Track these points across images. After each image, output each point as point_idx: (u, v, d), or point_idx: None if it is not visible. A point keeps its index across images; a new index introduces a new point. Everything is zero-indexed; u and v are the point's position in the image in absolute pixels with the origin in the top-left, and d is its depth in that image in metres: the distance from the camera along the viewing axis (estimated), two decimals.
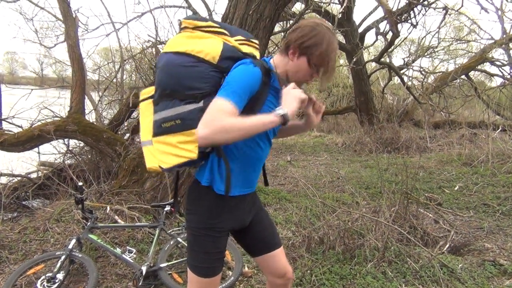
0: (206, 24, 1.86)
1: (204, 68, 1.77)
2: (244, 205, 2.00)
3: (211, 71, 1.78)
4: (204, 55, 1.78)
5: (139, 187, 4.72)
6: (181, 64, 1.78)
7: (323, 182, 6.87)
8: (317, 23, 1.82)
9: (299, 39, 1.79)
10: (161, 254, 3.33)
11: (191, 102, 1.75)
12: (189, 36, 1.86)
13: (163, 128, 1.79)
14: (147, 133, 1.89)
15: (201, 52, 1.78)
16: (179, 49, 1.81)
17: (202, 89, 1.76)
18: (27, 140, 5.52)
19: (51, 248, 3.89)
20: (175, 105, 1.77)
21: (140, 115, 1.97)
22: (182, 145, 1.74)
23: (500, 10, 12.09)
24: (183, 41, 1.84)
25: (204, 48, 1.79)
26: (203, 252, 1.88)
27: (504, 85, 13.76)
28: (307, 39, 1.78)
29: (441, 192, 6.16)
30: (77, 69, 6.06)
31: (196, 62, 1.77)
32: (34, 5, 8.55)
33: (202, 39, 1.83)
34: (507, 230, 4.64)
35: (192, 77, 1.76)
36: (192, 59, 1.78)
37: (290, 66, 1.85)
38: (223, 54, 1.79)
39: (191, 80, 1.76)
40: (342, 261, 3.66)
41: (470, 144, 9.33)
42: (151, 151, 1.85)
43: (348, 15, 11.53)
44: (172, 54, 1.82)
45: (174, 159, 1.77)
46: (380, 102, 13.82)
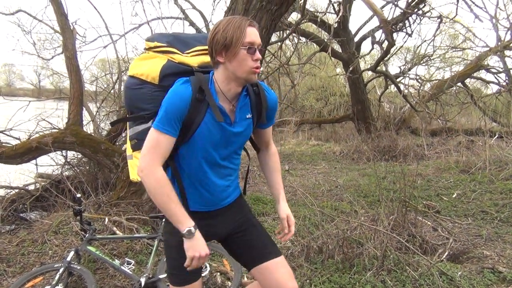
0: (153, 45, 1.93)
1: (147, 89, 1.85)
2: (215, 220, 1.99)
3: (155, 91, 1.84)
4: (146, 76, 1.86)
5: (138, 198, 4.72)
6: (130, 87, 1.91)
7: (322, 191, 6.87)
8: (215, 24, 1.80)
9: (214, 44, 1.73)
10: (160, 265, 3.32)
11: (142, 123, 1.89)
12: (143, 57, 1.95)
13: (132, 145, 1.97)
14: (129, 147, 2.02)
15: (143, 74, 1.87)
16: (130, 72, 1.94)
17: (148, 109, 1.86)
18: (25, 152, 5.52)
19: (49, 260, 3.88)
20: (131, 125, 1.95)
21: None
22: None
23: (495, 18, 12.21)
24: (135, 63, 1.95)
25: (145, 70, 1.87)
26: (172, 258, 1.93)
27: (500, 92, 13.85)
28: (218, 37, 1.71)
29: (439, 200, 6.16)
30: (75, 81, 6.07)
31: (141, 84, 1.87)
32: (32, 18, 8.61)
33: (150, 60, 1.91)
34: (505, 237, 4.65)
35: (138, 99, 1.88)
36: (137, 81, 1.88)
37: (232, 67, 1.74)
38: (162, 73, 1.84)
39: (138, 101, 1.88)
40: (341, 270, 3.65)
41: (468, 151, 9.35)
42: (131, 165, 2.01)
43: (344, 25, 11.62)
44: (128, 77, 1.96)
45: None
46: (377, 110, 13.86)
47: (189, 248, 1.74)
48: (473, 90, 15.03)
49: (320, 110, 18.02)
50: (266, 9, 4.15)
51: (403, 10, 7.34)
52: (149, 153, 1.71)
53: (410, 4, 8.43)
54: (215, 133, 1.81)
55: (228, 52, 1.71)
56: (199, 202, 1.92)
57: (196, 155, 1.83)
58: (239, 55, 1.71)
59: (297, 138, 14.78)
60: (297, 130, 15.39)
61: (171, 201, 1.71)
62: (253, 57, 1.73)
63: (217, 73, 1.81)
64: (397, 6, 7.52)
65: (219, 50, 1.72)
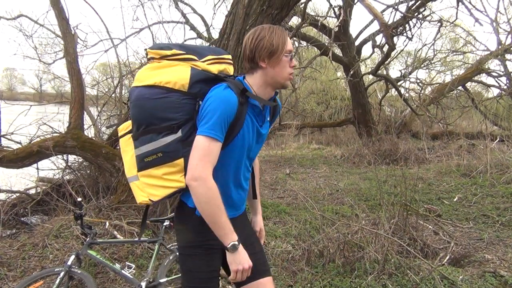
0: (170, 53, 1.86)
1: (175, 97, 1.77)
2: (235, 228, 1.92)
3: (183, 99, 1.78)
4: (173, 84, 1.78)
5: None
6: (151, 97, 1.78)
7: (322, 195, 6.87)
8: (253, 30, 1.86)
9: (259, 49, 1.79)
10: (160, 269, 3.32)
11: (169, 134, 1.77)
12: (156, 66, 1.86)
13: (146, 162, 1.81)
14: (132, 168, 1.90)
15: (169, 82, 1.78)
16: (148, 82, 1.81)
17: (176, 119, 1.77)
18: (26, 156, 5.53)
19: (50, 264, 3.88)
20: (153, 139, 1.78)
21: (122, 151, 1.98)
22: (168, 176, 1.78)
23: (495, 22, 12.23)
24: (150, 73, 1.84)
25: (172, 78, 1.78)
26: (194, 272, 1.86)
27: (501, 95, 13.86)
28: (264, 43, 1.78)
29: (440, 203, 6.16)
30: (76, 85, 6.09)
31: (166, 93, 1.77)
32: (34, 22, 8.65)
33: (169, 68, 1.83)
34: (507, 241, 4.64)
35: (164, 109, 1.76)
36: (162, 90, 1.78)
37: (273, 72, 1.83)
38: (192, 80, 1.79)
39: (164, 111, 1.76)
40: (343, 274, 3.65)
41: (469, 155, 9.36)
42: (138, 186, 1.86)
43: (344, 29, 11.64)
44: (142, 88, 1.82)
45: (162, 191, 1.81)
46: (378, 114, 13.87)
47: (232, 262, 1.72)
48: (474, 94, 15.05)
49: (321, 114, 18.04)
50: (267, 13, 4.17)
51: (403, 14, 7.36)
52: (201, 161, 1.66)
53: (410, 8, 8.44)
54: (251, 135, 1.86)
55: (273, 58, 1.79)
56: (227, 210, 1.82)
57: (233, 159, 1.84)
58: (282, 61, 1.81)
59: (298, 142, 14.79)
60: (298, 134, 15.39)
61: (222, 213, 1.68)
62: (291, 64, 1.85)
63: (252, 78, 1.86)
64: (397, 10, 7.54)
65: (263, 55, 1.79)
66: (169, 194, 1.81)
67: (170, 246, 3.54)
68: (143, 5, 9.06)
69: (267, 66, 1.81)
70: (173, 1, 10.96)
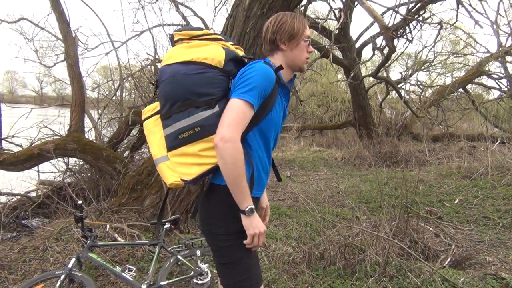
0: (202, 33, 1.94)
1: (212, 73, 1.81)
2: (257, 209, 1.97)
3: (220, 75, 1.83)
4: (211, 60, 1.82)
5: (139, 204, 4.72)
6: (189, 73, 1.80)
7: (323, 197, 6.86)
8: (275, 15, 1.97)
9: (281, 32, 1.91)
10: (161, 272, 3.31)
11: (207, 108, 1.78)
12: (189, 45, 1.90)
13: (180, 140, 1.80)
14: (161, 149, 1.87)
15: (207, 58, 1.82)
16: (184, 59, 1.83)
17: (214, 94, 1.80)
18: (27, 159, 5.53)
19: (50, 267, 3.87)
20: (191, 113, 1.78)
21: (148, 133, 1.95)
22: (205, 152, 1.78)
23: (495, 24, 12.23)
24: (184, 51, 1.88)
25: (208, 55, 1.83)
26: (246, 258, 1.83)
27: (502, 97, 13.85)
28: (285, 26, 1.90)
29: (441, 206, 6.15)
30: (77, 88, 6.10)
31: (204, 68, 1.81)
32: (35, 25, 8.66)
33: (203, 47, 1.88)
34: (508, 243, 4.62)
35: (202, 84, 1.79)
36: (199, 66, 1.81)
37: (292, 55, 1.94)
38: (227, 57, 1.86)
39: (202, 86, 1.79)
40: (343, 277, 3.64)
41: (469, 157, 9.35)
42: (169, 166, 1.82)
43: (345, 31, 11.66)
44: (177, 64, 1.84)
45: (197, 169, 1.79)
46: (378, 116, 13.88)
47: (249, 226, 1.75)
48: (475, 96, 15.06)
49: (321, 116, 18.04)
50: (267, 16, 4.17)
51: (403, 16, 7.36)
52: (234, 122, 1.68)
53: (410, 11, 8.46)
54: (280, 115, 1.92)
55: (293, 41, 1.91)
56: (258, 188, 1.92)
57: (268, 136, 1.89)
58: (300, 45, 1.93)
59: (299, 144, 14.79)
60: (299, 136, 15.40)
61: (243, 176, 1.70)
62: (308, 49, 1.98)
63: (273, 59, 1.96)
64: (397, 13, 7.53)
65: (284, 38, 1.91)
66: (204, 172, 1.80)
67: (171, 248, 3.54)
68: (143, 8, 9.08)
69: (287, 49, 1.92)
70: (174, 4, 10.97)
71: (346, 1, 9.30)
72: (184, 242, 3.59)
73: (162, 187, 4.61)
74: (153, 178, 4.75)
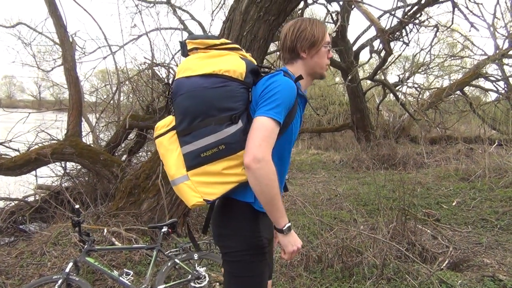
0: (219, 42, 1.81)
1: (234, 86, 1.71)
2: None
3: (241, 88, 1.73)
4: (233, 73, 1.71)
5: (136, 208, 4.71)
6: (210, 86, 1.69)
7: (321, 200, 6.86)
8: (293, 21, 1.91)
9: (302, 39, 1.85)
10: (158, 276, 3.31)
11: (231, 124, 1.68)
12: (207, 56, 1.78)
13: (202, 158, 1.69)
14: (180, 168, 1.74)
15: (229, 70, 1.71)
16: (205, 71, 1.71)
17: (237, 108, 1.70)
18: (24, 164, 5.53)
19: (48, 272, 3.86)
20: (215, 130, 1.67)
21: (164, 151, 1.80)
22: (229, 171, 1.69)
23: (492, 26, 12.27)
24: (202, 62, 1.75)
25: (230, 66, 1.72)
26: (256, 276, 1.79)
27: (499, 100, 13.88)
28: (306, 34, 1.85)
29: (439, 208, 6.15)
30: (74, 92, 6.11)
31: (225, 82, 1.70)
32: (32, 30, 8.68)
33: (222, 57, 1.77)
34: (505, 245, 4.63)
35: (225, 98, 1.69)
36: (222, 79, 1.70)
37: (312, 62, 1.90)
38: (248, 69, 1.76)
39: (224, 101, 1.68)
40: (341, 279, 3.64)
41: (467, 159, 9.37)
42: (189, 186, 1.71)
43: (342, 34, 11.69)
44: (197, 77, 1.71)
45: (220, 188, 1.70)
46: (376, 119, 13.89)
47: (288, 244, 1.74)
48: (472, 98, 15.09)
49: (319, 119, 18.05)
50: (264, 20, 4.19)
51: (400, 19, 7.39)
52: (265, 142, 1.60)
53: (407, 14, 8.49)
54: (298, 127, 1.88)
55: (313, 48, 1.86)
56: None
57: (289, 148, 1.85)
58: (321, 51, 1.88)
59: (297, 147, 14.80)
60: (297, 139, 15.39)
61: (279, 195, 1.66)
62: (328, 55, 1.93)
63: (293, 68, 1.90)
64: (394, 16, 7.57)
65: (305, 46, 1.85)
66: (228, 190, 1.71)
67: (168, 252, 3.53)
68: (140, 12, 9.13)
69: (307, 57, 1.87)
70: (171, 8, 11.02)
71: (343, 4, 9.34)
72: (182, 245, 3.59)
73: (160, 191, 4.61)
74: (151, 182, 4.75)
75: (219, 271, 3.86)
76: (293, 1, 4.38)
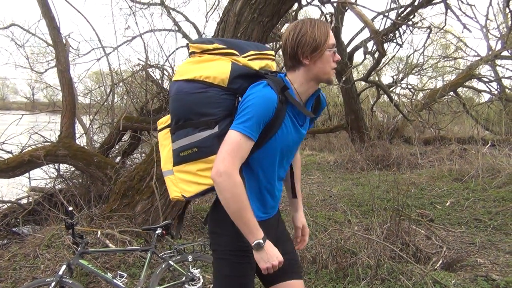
0: (212, 47, 1.82)
1: (214, 92, 1.73)
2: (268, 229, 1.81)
3: (222, 95, 1.74)
4: (213, 79, 1.73)
5: (130, 210, 4.70)
6: (190, 91, 1.75)
7: (316, 201, 6.87)
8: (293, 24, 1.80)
9: (302, 45, 1.73)
10: (152, 278, 3.30)
11: (206, 129, 1.73)
12: (197, 61, 1.82)
13: (181, 157, 1.78)
14: (168, 162, 1.87)
15: (209, 77, 1.74)
16: (188, 76, 1.77)
17: (215, 114, 1.73)
18: (17, 166, 5.50)
19: (41, 275, 3.83)
20: (189, 133, 1.75)
21: (160, 145, 1.96)
22: (202, 173, 1.74)
23: (485, 28, 12.36)
24: (190, 67, 1.80)
25: (211, 73, 1.74)
26: (239, 277, 1.81)
27: (492, 100, 13.98)
28: (306, 39, 1.72)
29: (432, 208, 6.18)
30: (68, 94, 6.08)
31: (205, 88, 1.73)
32: (26, 32, 8.64)
33: (210, 62, 1.79)
34: (499, 244, 4.66)
35: (203, 103, 1.73)
36: (201, 84, 1.74)
37: (316, 68, 1.77)
38: (232, 75, 1.74)
39: (202, 106, 1.73)
40: (335, 280, 3.65)
41: (461, 159, 9.41)
42: (172, 181, 1.84)
43: (336, 35, 11.70)
44: (182, 82, 1.78)
45: (195, 187, 1.77)
46: (370, 120, 13.93)
47: (260, 260, 1.68)
48: (465, 99, 15.17)
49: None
50: (258, 21, 4.19)
51: (393, 21, 7.43)
52: (229, 156, 1.62)
53: (400, 15, 8.53)
54: (291, 136, 1.81)
55: (315, 53, 1.73)
56: (261, 210, 1.86)
57: (272, 159, 1.80)
58: (324, 56, 1.75)
59: None
60: None
61: (246, 209, 1.64)
62: (334, 58, 1.78)
63: (294, 75, 1.81)
64: (387, 17, 7.60)
65: (306, 52, 1.73)
66: (202, 191, 1.77)
67: (163, 254, 3.52)
68: (134, 14, 9.11)
69: (310, 63, 1.76)
70: (165, 10, 11.01)
71: (337, 6, 9.37)
72: (176, 247, 3.58)
73: (154, 192, 4.60)
74: (145, 183, 4.74)
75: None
76: (287, 3, 4.39)
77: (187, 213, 5.36)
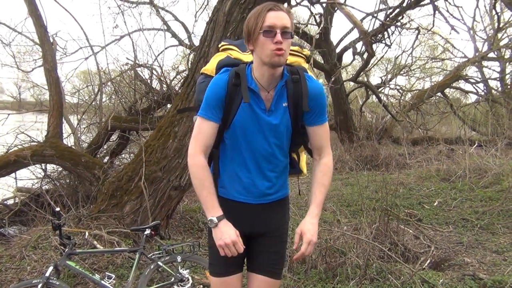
0: (220, 45, 2.13)
1: (207, 82, 1.94)
2: (242, 214, 1.95)
3: None
4: (206, 71, 2.06)
5: (119, 211, 4.65)
6: (198, 82, 2.10)
7: (305, 201, 6.86)
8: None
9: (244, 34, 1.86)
10: (141, 279, 3.27)
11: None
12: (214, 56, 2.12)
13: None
14: None
15: (207, 69, 2.06)
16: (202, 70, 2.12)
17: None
18: (3, 166, 5.42)
19: (28, 276, 3.78)
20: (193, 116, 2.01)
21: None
22: None
23: (472, 29, 12.51)
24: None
25: (208, 66, 2.07)
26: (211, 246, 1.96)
27: (479, 101, 14.14)
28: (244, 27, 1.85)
29: (421, 208, 6.23)
30: (55, 93, 6.00)
31: (204, 78, 2.04)
32: (12, 30, 8.50)
33: (213, 58, 2.10)
34: (485, 244, 4.71)
35: (200, 91, 2.01)
36: (202, 75, 2.07)
37: (258, 53, 1.80)
38: (218, 65, 1.98)
39: (200, 93, 1.99)
40: (325, 280, 3.65)
41: (448, 160, 9.50)
42: None
43: (325, 36, 11.74)
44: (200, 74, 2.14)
45: None
46: (359, 120, 14.00)
47: (215, 237, 1.81)
48: (453, 100, 15.33)
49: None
50: None
51: (382, 22, 7.45)
52: (193, 139, 1.87)
53: (389, 16, 8.57)
54: (251, 120, 1.88)
55: (251, 39, 1.81)
56: (238, 191, 1.96)
57: (238, 143, 1.91)
58: (259, 40, 1.77)
59: None
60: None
61: (204, 188, 1.82)
62: (273, 40, 1.73)
63: (253, 61, 1.90)
64: (376, 18, 7.63)
65: (246, 39, 1.85)
66: None
67: (151, 255, 3.49)
68: (123, 13, 9.01)
69: (254, 49, 1.83)
70: (154, 9, 10.92)
71: (327, 6, 9.39)
72: (165, 248, 3.55)
73: (143, 192, 4.56)
74: (133, 184, 4.69)
75: (202, 274, 3.83)
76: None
77: (176, 214, 5.32)
